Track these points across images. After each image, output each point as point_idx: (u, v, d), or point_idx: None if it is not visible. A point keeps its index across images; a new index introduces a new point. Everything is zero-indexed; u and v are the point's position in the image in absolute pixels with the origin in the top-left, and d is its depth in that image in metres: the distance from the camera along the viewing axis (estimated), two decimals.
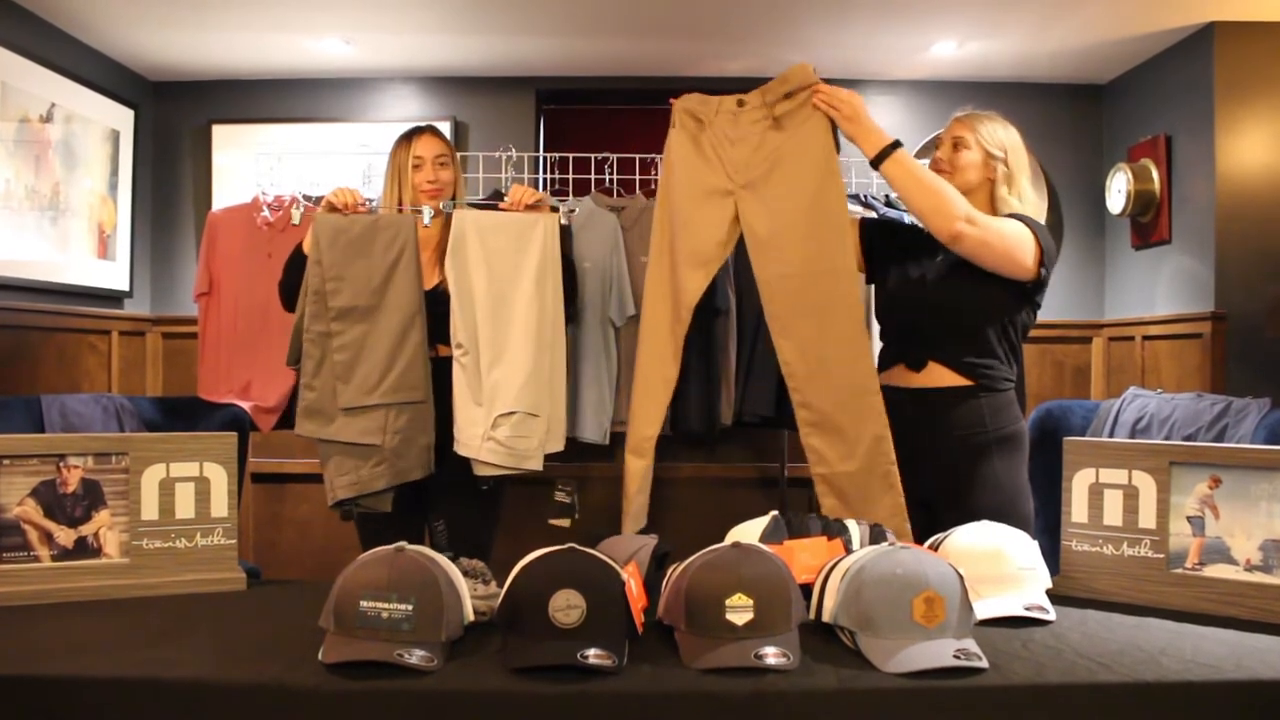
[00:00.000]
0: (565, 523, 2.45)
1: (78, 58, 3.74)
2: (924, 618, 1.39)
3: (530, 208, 2.51)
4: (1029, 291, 2.20)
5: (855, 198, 3.59)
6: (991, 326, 2.20)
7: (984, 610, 1.56)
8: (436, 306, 2.46)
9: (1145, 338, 3.92)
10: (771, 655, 1.34)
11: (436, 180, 2.53)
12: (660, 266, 2.46)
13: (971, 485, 2.18)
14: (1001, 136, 2.24)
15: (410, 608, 1.37)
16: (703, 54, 4.00)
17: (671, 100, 2.43)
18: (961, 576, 1.46)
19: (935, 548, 1.71)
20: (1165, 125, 3.82)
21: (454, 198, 2.57)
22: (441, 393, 2.46)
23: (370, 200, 2.57)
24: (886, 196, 3.59)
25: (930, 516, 2.18)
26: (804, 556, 1.68)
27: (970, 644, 1.38)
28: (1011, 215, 2.20)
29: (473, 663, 1.39)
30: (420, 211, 2.49)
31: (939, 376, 2.21)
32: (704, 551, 1.50)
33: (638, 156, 3.58)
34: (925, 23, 3.62)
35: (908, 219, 2.46)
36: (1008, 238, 2.13)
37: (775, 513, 1.86)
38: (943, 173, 2.24)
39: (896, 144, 2.18)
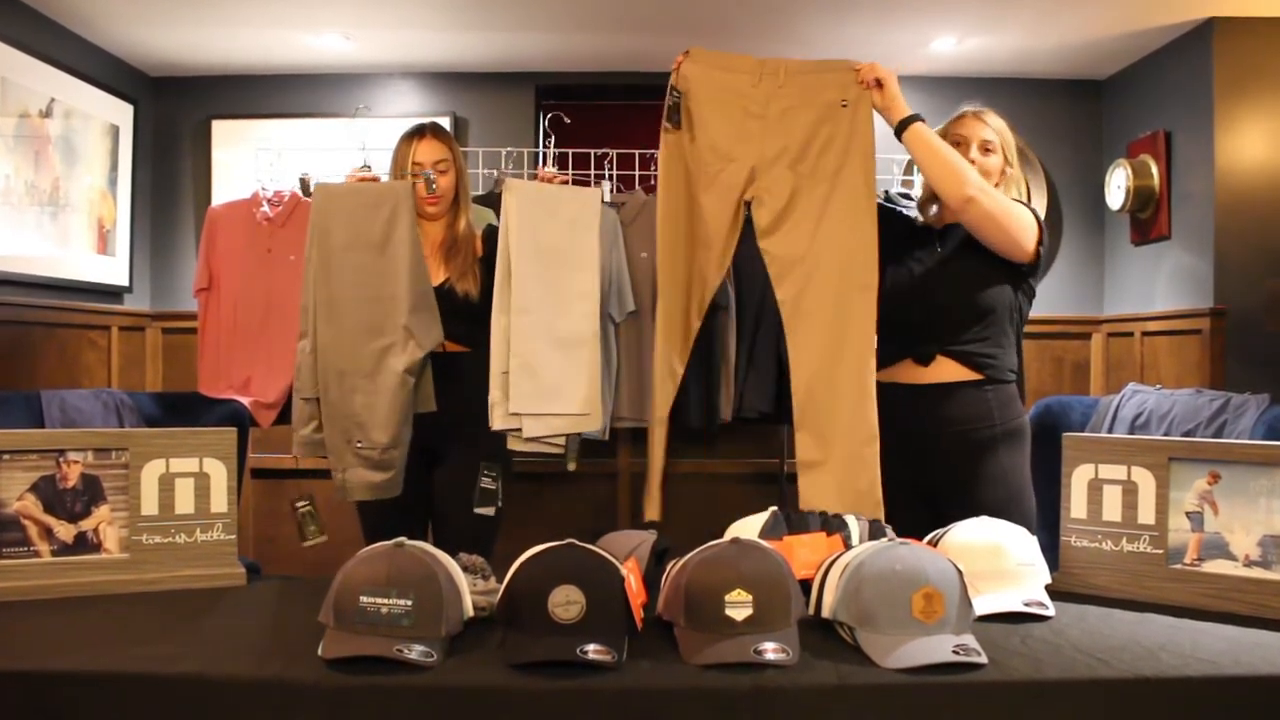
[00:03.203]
0: (489, 511, 2.43)
1: (77, 53, 3.74)
2: (923, 613, 1.39)
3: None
4: (1026, 274, 2.24)
5: None
6: (999, 317, 2.22)
7: (983, 606, 1.56)
8: (441, 303, 2.47)
9: (1145, 334, 3.92)
10: (771, 651, 1.34)
11: (436, 186, 2.53)
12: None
13: (978, 480, 2.19)
14: (1009, 135, 2.31)
15: (410, 603, 1.37)
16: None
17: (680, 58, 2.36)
18: (961, 572, 1.46)
19: (934, 543, 1.71)
20: (1165, 121, 3.82)
21: (457, 199, 2.57)
22: (448, 389, 2.47)
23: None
24: (886, 193, 3.58)
25: (935, 512, 2.18)
26: (803, 552, 1.68)
27: (969, 640, 1.38)
28: (1016, 200, 2.26)
29: (472, 658, 1.39)
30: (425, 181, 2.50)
31: (947, 371, 2.22)
32: (703, 547, 1.50)
33: (637, 152, 3.58)
34: (925, 18, 3.62)
35: (909, 213, 2.45)
36: (1013, 216, 2.18)
37: (775, 508, 1.86)
38: None
39: (918, 116, 2.24)
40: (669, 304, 2.40)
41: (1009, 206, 2.19)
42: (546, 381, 2.40)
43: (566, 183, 2.62)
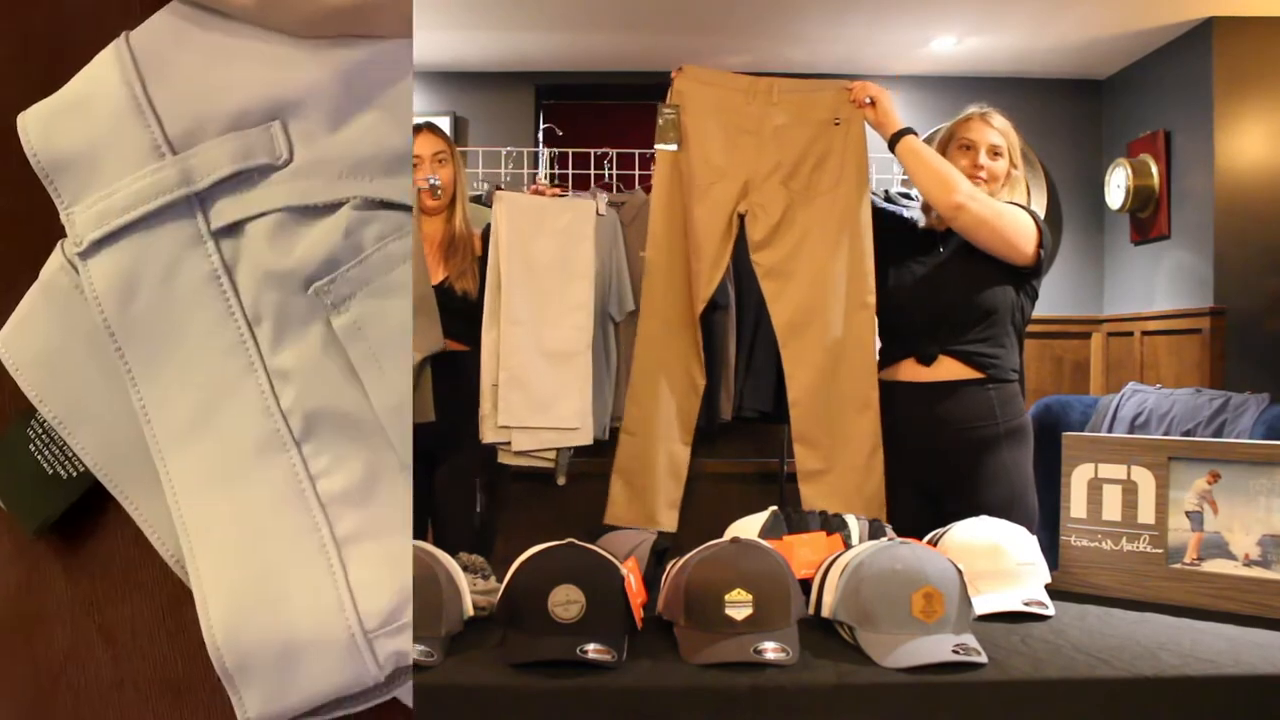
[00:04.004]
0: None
1: None
2: (923, 613, 1.39)
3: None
4: (1028, 276, 2.23)
5: None
6: (1001, 317, 2.22)
7: (983, 605, 1.56)
8: (440, 301, 2.47)
9: (1144, 333, 3.93)
10: (770, 650, 1.34)
11: (439, 188, 2.54)
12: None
13: (982, 478, 2.18)
14: (1014, 136, 2.30)
15: None
16: (703, 49, 4.00)
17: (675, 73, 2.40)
18: (960, 572, 1.46)
19: (934, 543, 1.71)
20: (1164, 121, 3.82)
21: (455, 195, 2.58)
22: (447, 388, 2.47)
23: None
24: (886, 192, 3.58)
25: (936, 510, 2.18)
26: (803, 551, 1.68)
27: (969, 639, 1.38)
28: (1013, 203, 2.24)
29: (472, 657, 1.39)
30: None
31: (950, 370, 2.22)
32: (703, 546, 1.50)
33: (637, 152, 3.58)
34: (925, 18, 3.62)
35: (906, 214, 2.46)
36: (1006, 218, 2.17)
37: (774, 508, 1.86)
38: (979, 181, 2.25)
39: (910, 129, 2.25)
40: (667, 320, 2.40)
41: (1002, 210, 2.17)
42: (537, 394, 2.39)
43: (562, 194, 2.62)
